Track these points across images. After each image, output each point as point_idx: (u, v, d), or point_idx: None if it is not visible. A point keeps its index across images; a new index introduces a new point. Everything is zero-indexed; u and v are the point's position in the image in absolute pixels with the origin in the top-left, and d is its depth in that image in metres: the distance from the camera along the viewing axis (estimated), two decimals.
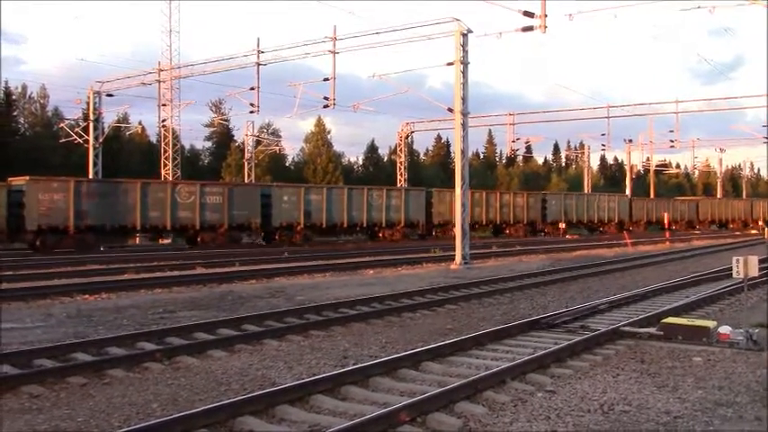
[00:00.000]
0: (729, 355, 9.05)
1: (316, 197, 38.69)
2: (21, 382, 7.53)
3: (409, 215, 42.71)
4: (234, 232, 35.97)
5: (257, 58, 32.91)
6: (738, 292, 14.63)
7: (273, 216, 37.02)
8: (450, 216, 43.04)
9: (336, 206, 39.19)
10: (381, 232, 41.79)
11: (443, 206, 44.72)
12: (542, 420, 6.33)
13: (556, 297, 15.66)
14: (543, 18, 23.38)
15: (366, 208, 40.37)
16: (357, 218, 40.21)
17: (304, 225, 37.97)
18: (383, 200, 41.35)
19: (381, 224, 41.41)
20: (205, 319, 11.87)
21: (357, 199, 40.28)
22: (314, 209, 38.30)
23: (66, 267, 21.89)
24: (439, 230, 45.56)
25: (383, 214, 41.28)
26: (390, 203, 41.75)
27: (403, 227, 42.40)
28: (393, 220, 41.96)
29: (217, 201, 34.95)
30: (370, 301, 14.15)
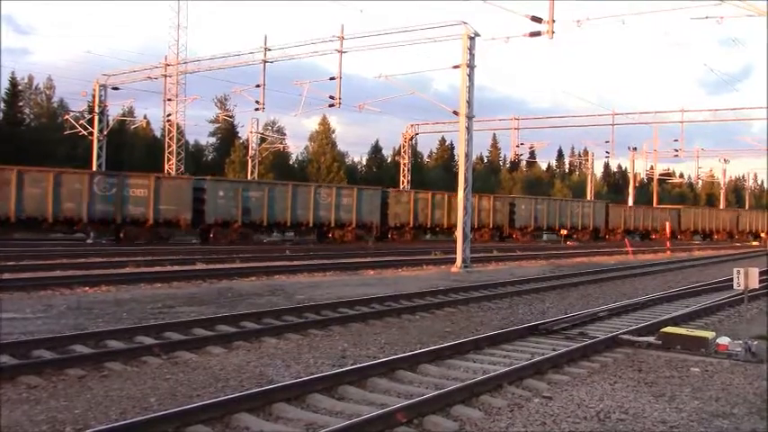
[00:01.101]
0: (727, 367, 9.05)
1: (255, 193, 36.62)
2: (19, 373, 7.55)
3: (362, 216, 40.36)
4: (161, 228, 33.84)
5: (264, 56, 33.01)
6: (738, 304, 14.62)
7: (207, 212, 34.81)
8: (408, 218, 42.86)
9: (279, 204, 37.07)
10: (331, 233, 39.84)
11: (401, 207, 42.93)
12: (538, 426, 6.34)
13: (555, 303, 15.65)
14: (551, 24, 23.38)
15: (313, 206, 38.22)
16: (302, 217, 38.09)
17: (242, 223, 35.82)
18: (332, 198, 39.15)
19: (330, 224, 39.31)
20: (204, 315, 11.89)
21: (303, 197, 38.20)
22: (253, 206, 36.16)
23: (68, 259, 21.92)
24: (395, 233, 43.30)
25: (332, 214, 39.05)
26: (340, 202, 39.50)
27: (354, 228, 40.16)
28: (343, 220, 39.70)
29: (141, 194, 32.53)
30: (369, 302, 14.15)
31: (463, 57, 25.15)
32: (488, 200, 48.75)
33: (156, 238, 33.36)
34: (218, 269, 20.25)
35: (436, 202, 44.67)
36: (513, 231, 50.04)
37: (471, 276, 21.81)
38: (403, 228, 43.20)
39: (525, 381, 7.90)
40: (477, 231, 46.49)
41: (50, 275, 17.14)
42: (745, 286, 10.33)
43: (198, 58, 38.89)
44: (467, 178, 25.55)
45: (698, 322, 12.97)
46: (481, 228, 47.48)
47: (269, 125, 72.49)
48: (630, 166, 74.27)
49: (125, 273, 18.53)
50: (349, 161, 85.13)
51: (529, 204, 51.47)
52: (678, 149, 56.30)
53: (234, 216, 35.47)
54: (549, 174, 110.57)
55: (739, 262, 32.81)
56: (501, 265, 27.71)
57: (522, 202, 51.81)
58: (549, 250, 37.61)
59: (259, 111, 36.60)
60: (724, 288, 17.89)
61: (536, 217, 51.12)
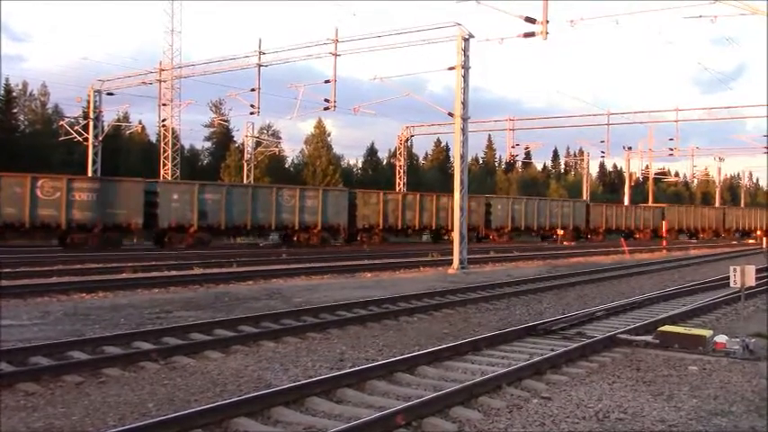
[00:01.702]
0: (725, 365, 9.06)
1: (212, 196, 35.32)
2: (16, 380, 7.52)
3: (327, 218, 38.98)
4: (111, 233, 32.35)
5: (259, 59, 32.97)
6: (735, 302, 14.65)
7: (161, 216, 33.49)
8: (378, 219, 41.47)
9: (239, 206, 35.84)
10: (296, 236, 38.63)
11: (369, 209, 41.43)
12: (537, 427, 6.34)
13: (552, 303, 15.66)
14: (545, 24, 23.41)
15: (275, 209, 36.91)
16: (264, 219, 36.89)
17: (198, 227, 34.46)
18: (296, 200, 37.81)
19: (294, 227, 38.07)
20: (202, 320, 11.87)
21: (264, 199, 36.88)
22: (210, 209, 34.86)
23: (65, 265, 21.88)
24: (364, 235, 41.75)
25: (296, 216, 37.74)
26: (305, 204, 38.16)
27: (320, 230, 38.82)
28: (308, 222, 38.33)
29: (87, 198, 31.23)
30: (367, 305, 14.15)
31: (458, 58, 25.17)
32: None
33: (106, 244, 31.73)
34: (215, 273, 20.23)
35: (407, 203, 43.33)
36: (490, 232, 48.74)
37: (468, 278, 21.82)
38: (372, 230, 41.75)
39: (524, 381, 7.91)
40: (450, 233, 44.12)
41: (47, 282, 17.11)
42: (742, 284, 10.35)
43: (192, 63, 38.86)
44: (462, 180, 25.57)
45: (695, 321, 13.00)
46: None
47: (264, 129, 72.50)
48: (626, 166, 74.37)
49: (122, 278, 18.49)
50: (345, 164, 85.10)
51: (505, 204, 50.13)
52: (673, 148, 56.43)
53: (189, 220, 34.23)
54: (544, 174, 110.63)
55: (735, 260, 32.87)
56: (498, 266, 27.73)
57: (498, 202, 50.40)
58: (545, 251, 37.62)
59: (254, 114, 36.50)
60: (721, 286, 17.94)
61: (513, 217, 49.89)
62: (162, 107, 44.55)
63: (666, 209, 66.64)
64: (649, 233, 62.00)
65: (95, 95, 41.40)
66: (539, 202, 54.27)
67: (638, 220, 61.99)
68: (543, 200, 56.49)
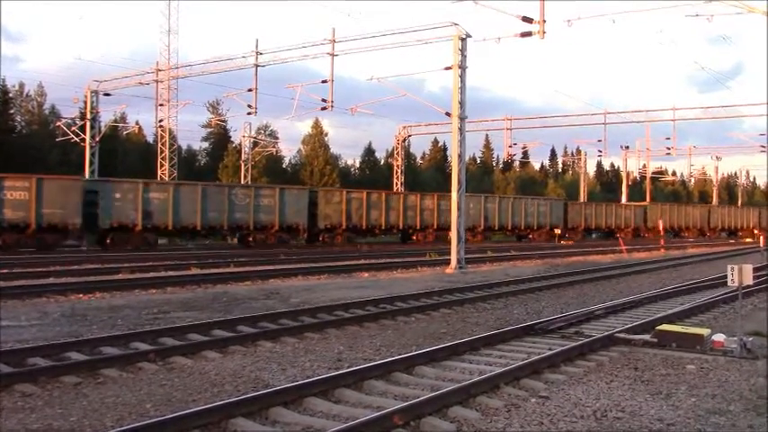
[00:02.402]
0: (723, 363, 9.07)
1: (158, 195, 33.50)
2: (14, 381, 7.51)
3: (285, 217, 37.43)
4: (46, 234, 30.44)
5: (255, 60, 32.98)
6: (733, 301, 14.66)
7: (101, 216, 31.78)
8: (341, 219, 39.72)
9: (188, 206, 34.03)
10: (252, 236, 37.06)
11: (332, 208, 39.75)
12: (535, 426, 6.34)
13: (550, 302, 15.67)
14: (542, 24, 23.42)
15: (228, 208, 35.30)
16: (216, 219, 35.17)
17: (143, 227, 32.82)
18: (251, 199, 36.20)
19: (249, 227, 36.51)
20: (199, 320, 11.86)
21: (216, 198, 35.23)
22: (157, 208, 33.14)
23: (62, 266, 21.85)
24: (326, 236, 40.20)
25: (250, 216, 36.12)
26: (260, 203, 36.51)
27: (277, 230, 37.39)
28: (264, 222, 36.79)
29: (20, 197, 29.28)
30: (364, 304, 14.15)
31: (455, 58, 25.18)
32: (432, 199, 45.01)
33: (41, 245, 30.11)
34: (212, 274, 20.22)
35: (372, 202, 41.59)
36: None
37: (466, 277, 21.82)
38: (334, 230, 40.16)
39: (522, 381, 7.91)
40: (419, 233, 44.26)
41: (44, 283, 17.09)
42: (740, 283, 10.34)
43: (189, 63, 38.84)
44: (460, 179, 25.58)
45: (693, 320, 13.02)
46: (425, 229, 44.34)
47: (261, 129, 72.40)
48: (623, 165, 74.49)
49: (119, 279, 18.48)
50: (342, 164, 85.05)
51: (477, 203, 47.79)
52: (670, 147, 56.52)
53: (133, 220, 32.55)
54: (542, 174, 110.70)
55: (732, 259, 32.91)
56: (495, 265, 27.75)
57: (470, 200, 46.06)
58: (542, 250, 37.64)
59: (251, 115, 36.49)
60: (718, 285, 17.95)
61: (486, 216, 48.01)
62: (159, 107, 44.54)
63: (649, 207, 65.02)
64: (631, 232, 60.25)
65: (92, 96, 41.35)
66: (513, 200, 52.41)
67: (619, 219, 60.58)
68: (518, 198, 54.45)
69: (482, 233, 48.17)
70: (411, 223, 43.35)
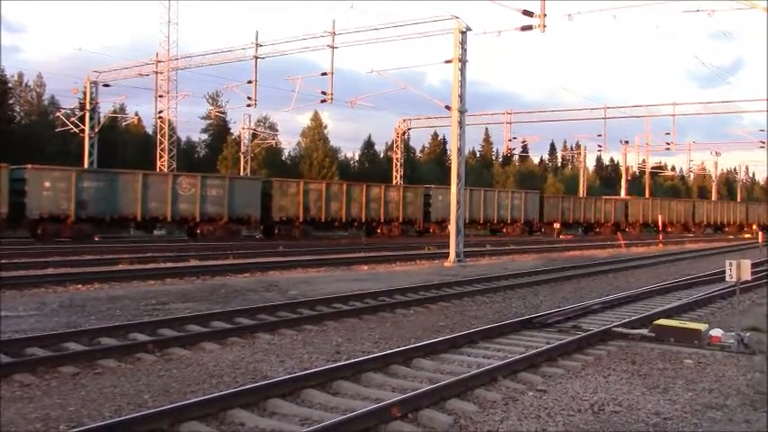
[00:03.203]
0: (720, 358, 9.09)
1: (94, 184, 31.92)
2: (12, 371, 7.52)
3: (235, 209, 35.85)
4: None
5: (255, 52, 32.99)
6: (730, 296, 14.68)
7: (29, 206, 30.32)
8: (298, 211, 38.33)
9: (126, 195, 32.51)
10: (199, 228, 35.22)
11: (287, 199, 38.16)
12: (533, 419, 6.35)
13: (548, 296, 15.69)
14: (542, 18, 23.41)
15: (171, 199, 33.63)
16: (157, 210, 33.52)
17: (77, 218, 31.23)
18: (197, 189, 34.46)
19: (195, 218, 34.76)
20: (198, 312, 11.87)
21: (157, 188, 33.56)
22: (92, 198, 31.65)
23: (61, 257, 21.86)
24: (282, 229, 38.45)
25: (197, 207, 34.47)
26: (207, 194, 34.86)
27: (226, 222, 35.73)
28: (212, 214, 35.15)
29: None
30: (363, 297, 14.15)
31: (455, 51, 25.14)
32: (397, 191, 43.83)
33: None
34: (211, 265, 20.22)
35: (332, 194, 40.11)
36: (430, 225, 45.27)
37: (465, 271, 21.84)
38: (291, 223, 38.62)
39: (519, 374, 7.92)
40: (384, 226, 42.67)
41: (43, 273, 17.08)
42: (738, 278, 10.35)
43: (189, 55, 38.87)
44: (459, 173, 25.58)
45: (691, 314, 13.04)
46: (389, 222, 42.82)
47: (261, 121, 72.38)
48: (623, 160, 74.54)
49: (118, 270, 18.49)
50: (342, 157, 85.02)
51: (447, 195, 46.48)
52: (670, 143, 56.58)
53: (66, 210, 31.01)
54: (541, 168, 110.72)
55: (730, 254, 32.96)
56: (494, 259, 27.77)
57: (438, 192, 45.62)
58: (541, 244, 37.65)
59: (251, 107, 36.57)
60: (716, 280, 17.96)
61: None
62: (159, 99, 44.43)
63: (630, 202, 63.65)
64: (610, 227, 58.79)
65: (92, 87, 41.34)
66: (485, 192, 50.62)
67: (599, 213, 58.73)
68: (490, 190, 52.80)
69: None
70: (375, 216, 41.90)
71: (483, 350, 9.44)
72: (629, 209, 61.50)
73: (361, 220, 41.59)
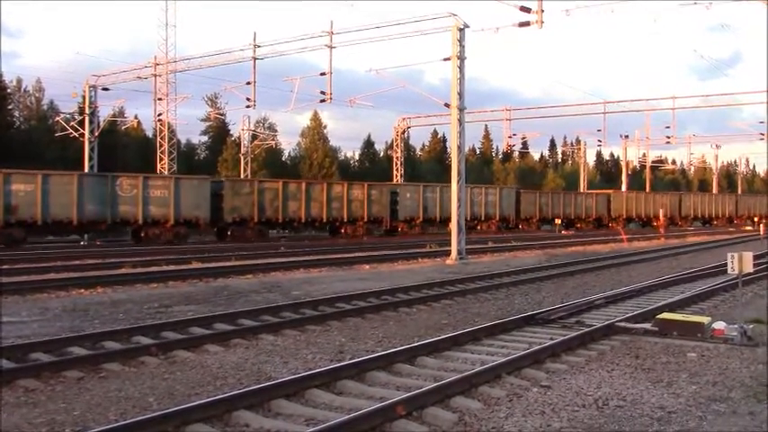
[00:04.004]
0: (724, 351, 9.09)
1: (23, 186, 29.55)
2: (17, 376, 7.53)
3: (181, 210, 33.39)
4: None
5: (253, 53, 32.98)
6: (733, 288, 14.69)
7: None
8: (252, 212, 35.95)
9: (61, 198, 30.18)
10: (144, 231, 33.03)
11: (241, 199, 35.86)
12: (537, 415, 6.36)
13: (551, 292, 15.69)
14: (540, 13, 23.40)
15: (111, 201, 31.37)
16: (96, 213, 31.07)
17: (5, 222, 29.07)
18: (139, 191, 32.13)
19: (137, 221, 32.38)
20: (201, 314, 11.88)
21: (96, 189, 31.23)
22: (22, 201, 29.32)
23: (63, 261, 21.87)
24: (236, 230, 36.13)
25: (139, 209, 32.13)
26: (150, 195, 32.53)
27: (172, 225, 33.32)
28: (156, 216, 32.80)
29: None
30: (366, 296, 14.16)
31: (453, 49, 25.13)
32: (361, 188, 41.20)
33: None
34: (213, 267, 20.22)
35: (289, 193, 37.74)
36: (397, 224, 43.12)
37: (467, 268, 21.84)
38: (245, 223, 36.30)
39: (523, 370, 7.93)
40: (348, 226, 40.46)
41: (45, 278, 17.08)
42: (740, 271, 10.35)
43: (187, 57, 38.83)
44: (460, 170, 25.58)
45: (693, 308, 13.05)
46: (354, 221, 40.53)
47: (260, 122, 72.38)
48: (623, 154, 74.48)
49: (120, 273, 18.50)
50: (342, 156, 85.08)
51: (415, 192, 44.00)
52: (670, 136, 56.45)
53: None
54: (542, 164, 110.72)
55: (732, 247, 32.94)
56: (496, 256, 27.76)
57: (406, 190, 44.06)
58: (543, 240, 37.65)
59: (250, 108, 36.57)
60: (718, 273, 17.97)
61: (426, 207, 43.85)
62: (158, 102, 44.39)
63: (612, 196, 60.72)
64: (592, 222, 56.72)
65: (91, 91, 41.32)
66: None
67: (579, 209, 56.06)
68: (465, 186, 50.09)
69: (420, 225, 44.53)
70: (337, 215, 39.72)
71: (486, 347, 9.45)
72: (611, 203, 59.18)
73: (323, 219, 39.36)
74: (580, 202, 56.72)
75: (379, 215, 41.72)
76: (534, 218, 52.03)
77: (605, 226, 56.28)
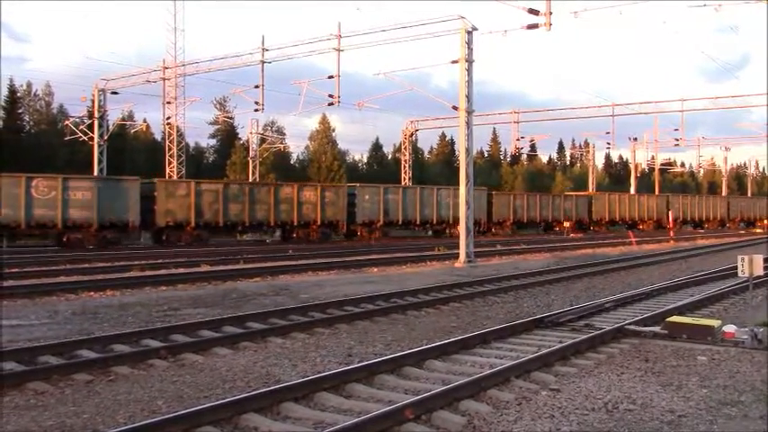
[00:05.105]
0: (734, 354, 9.04)
1: None
2: (26, 379, 7.56)
3: (105, 213, 31.39)
4: None
5: (262, 56, 33.03)
6: (743, 291, 14.61)
7: None
8: (189, 215, 34.15)
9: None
10: (66, 236, 31.01)
11: (176, 202, 33.94)
12: (546, 419, 6.33)
13: (560, 295, 15.65)
14: (548, 16, 23.36)
15: (26, 203, 29.50)
16: (9, 217, 29.37)
17: None
18: (58, 193, 30.20)
19: (56, 225, 30.40)
20: (210, 317, 11.89)
21: (9, 191, 29.36)
22: None
23: (72, 264, 21.95)
24: (172, 234, 34.24)
25: (58, 212, 30.19)
26: (70, 197, 30.57)
27: (96, 229, 31.32)
28: (78, 220, 30.82)
29: None
30: (375, 299, 14.15)
31: (461, 51, 25.12)
32: (314, 190, 39.38)
33: None
34: (222, 270, 20.26)
35: (230, 195, 35.85)
36: (356, 227, 41.35)
37: (475, 271, 21.81)
38: (181, 227, 34.32)
39: (532, 374, 7.90)
40: (300, 229, 38.58)
41: (54, 281, 17.15)
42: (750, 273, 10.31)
43: (196, 61, 38.90)
44: (468, 173, 25.55)
45: (703, 311, 12.97)
46: (306, 225, 38.69)
47: (269, 125, 72.44)
48: (631, 157, 74.26)
49: (129, 276, 18.55)
50: (350, 159, 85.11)
51: (375, 194, 41.93)
52: (679, 139, 56.26)
53: None
54: (550, 167, 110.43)
55: (742, 250, 32.78)
56: (505, 258, 27.71)
57: (365, 191, 41.83)
58: (552, 243, 37.56)
59: (258, 111, 36.59)
60: (728, 276, 17.89)
61: (386, 210, 42.00)
62: (166, 105, 44.56)
63: (594, 197, 58.82)
64: (573, 225, 54.42)
65: (100, 94, 41.51)
66: (421, 190, 45.09)
67: (557, 211, 53.82)
68: (427, 188, 46.68)
69: (380, 229, 42.51)
70: (286, 219, 37.89)
71: (495, 350, 9.42)
72: (592, 205, 57.16)
73: (270, 223, 37.61)
74: (558, 204, 54.65)
75: (335, 218, 39.76)
76: (508, 221, 50.09)
77: (587, 229, 54.68)
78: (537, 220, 52.36)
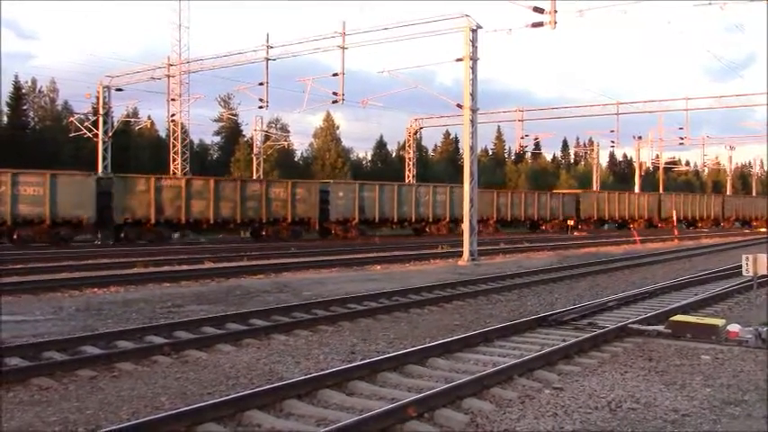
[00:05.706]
0: (738, 354, 9.02)
1: None
2: (30, 375, 7.58)
3: (59, 210, 30.12)
4: None
5: (266, 54, 33.01)
6: (747, 290, 14.58)
7: None
8: (149, 212, 32.66)
9: None
10: (16, 232, 29.80)
11: (136, 198, 32.52)
12: (549, 417, 6.33)
13: (563, 294, 15.63)
14: (553, 14, 23.34)
15: None
16: None
17: None
18: (7, 188, 28.96)
19: (5, 221, 29.16)
20: (213, 314, 11.91)
21: None
22: None
23: (76, 261, 21.99)
24: (131, 232, 32.86)
25: (7, 208, 28.95)
26: (19, 193, 29.31)
27: (49, 225, 30.12)
28: (28, 215, 29.57)
29: None
30: (377, 297, 14.15)
31: (466, 49, 25.09)
32: (284, 187, 37.91)
33: None
34: (225, 267, 20.27)
35: (194, 191, 34.28)
36: (330, 225, 39.96)
37: (479, 269, 21.79)
38: (141, 225, 32.95)
39: (536, 372, 7.90)
40: (269, 227, 37.23)
41: (59, 278, 17.17)
42: (755, 272, 10.27)
43: (200, 58, 38.92)
44: (472, 171, 25.53)
45: (707, 310, 12.96)
46: (276, 222, 37.32)
47: (273, 123, 72.51)
48: (636, 155, 74.07)
49: (133, 273, 18.58)
50: (354, 157, 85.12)
51: (350, 191, 40.65)
52: (683, 137, 56.17)
53: None
54: (554, 165, 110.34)
55: (747, 249, 32.71)
56: (508, 257, 27.68)
57: (339, 188, 40.68)
58: (555, 241, 37.51)
59: (263, 108, 36.56)
60: (732, 275, 17.85)
61: (362, 207, 40.52)
62: (171, 102, 44.62)
63: (581, 195, 57.72)
64: (557, 225, 53.16)
65: (104, 91, 41.58)
66: (399, 187, 43.54)
67: (543, 210, 52.59)
68: (405, 185, 45.67)
69: (356, 227, 41.06)
70: (254, 216, 36.42)
71: (498, 348, 9.42)
72: (580, 203, 55.75)
73: (236, 221, 36.18)
74: (544, 202, 53.21)
75: (306, 216, 38.44)
76: (492, 219, 48.39)
77: (574, 228, 53.37)
78: (522, 218, 51.28)
